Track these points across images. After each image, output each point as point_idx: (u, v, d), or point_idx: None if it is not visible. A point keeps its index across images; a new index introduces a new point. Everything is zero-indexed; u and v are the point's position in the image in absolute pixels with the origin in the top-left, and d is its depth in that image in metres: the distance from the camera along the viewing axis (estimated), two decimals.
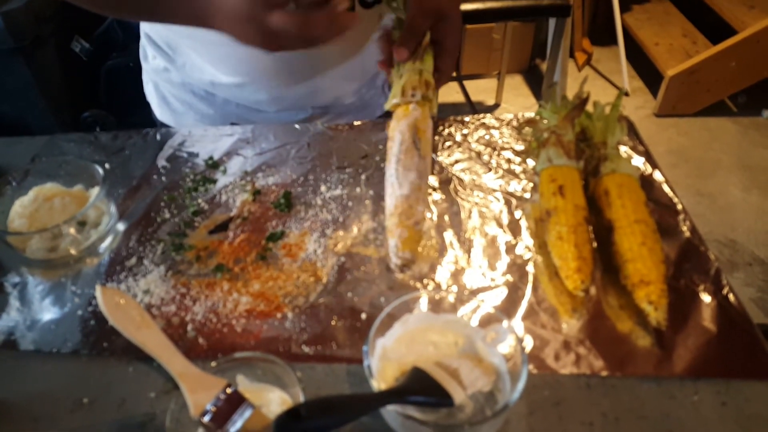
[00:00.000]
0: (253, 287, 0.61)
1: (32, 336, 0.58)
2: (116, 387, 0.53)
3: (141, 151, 0.83)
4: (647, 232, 0.58)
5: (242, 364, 0.50)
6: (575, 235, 0.59)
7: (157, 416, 0.50)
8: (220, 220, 0.70)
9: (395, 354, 0.50)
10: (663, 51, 2.75)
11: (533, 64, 3.16)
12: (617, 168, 0.65)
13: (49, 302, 0.62)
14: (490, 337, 0.50)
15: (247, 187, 0.74)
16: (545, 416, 0.48)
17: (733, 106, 2.72)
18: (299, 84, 0.87)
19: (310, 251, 0.64)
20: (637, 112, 2.74)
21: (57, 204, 0.69)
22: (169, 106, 0.96)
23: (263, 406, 0.48)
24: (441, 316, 0.52)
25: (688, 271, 0.59)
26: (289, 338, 0.56)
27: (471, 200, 0.70)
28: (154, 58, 0.93)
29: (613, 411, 0.48)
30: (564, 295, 0.58)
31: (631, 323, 0.55)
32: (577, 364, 0.51)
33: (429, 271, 0.61)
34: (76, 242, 0.67)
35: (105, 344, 0.56)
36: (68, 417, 0.51)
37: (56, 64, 2.02)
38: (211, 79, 0.87)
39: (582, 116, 0.72)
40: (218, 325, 0.57)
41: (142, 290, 0.62)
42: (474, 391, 0.47)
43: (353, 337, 0.55)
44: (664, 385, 0.50)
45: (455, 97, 2.96)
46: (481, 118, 0.84)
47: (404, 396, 0.44)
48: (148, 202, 0.73)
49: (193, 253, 0.66)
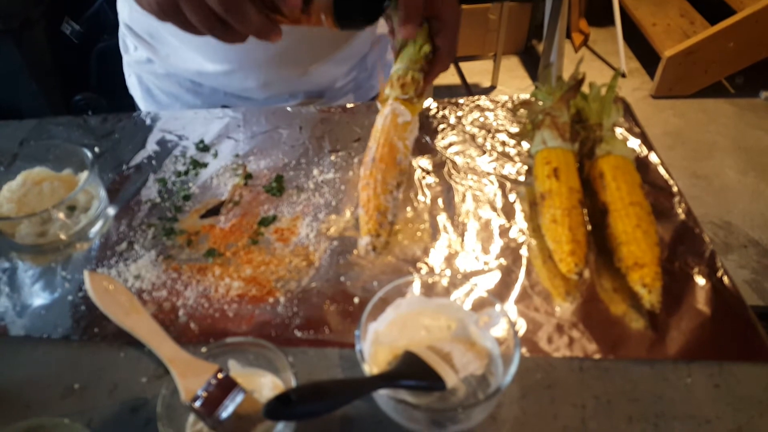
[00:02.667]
0: (244, 272, 0.60)
1: (22, 322, 0.58)
2: (107, 372, 0.53)
3: (131, 134, 0.81)
4: (642, 214, 0.58)
5: (234, 349, 0.50)
6: (569, 218, 0.59)
7: (149, 401, 0.50)
8: (212, 204, 0.69)
9: (387, 338, 0.50)
10: (660, 31, 2.73)
11: (529, 46, 3.13)
12: (612, 150, 0.65)
13: (39, 288, 0.61)
14: (483, 321, 0.50)
15: (239, 171, 0.73)
16: (538, 399, 0.48)
17: (730, 87, 2.71)
18: (289, 70, 0.85)
19: (303, 235, 0.64)
20: (634, 94, 2.73)
21: (46, 188, 0.68)
22: (154, 99, 0.94)
23: (255, 391, 0.48)
24: (434, 300, 0.52)
25: (683, 253, 0.59)
26: (282, 323, 0.55)
27: (465, 183, 0.69)
28: (135, 49, 0.90)
29: (606, 393, 0.48)
30: (557, 278, 0.57)
31: (625, 306, 0.55)
32: (570, 347, 0.51)
33: (422, 254, 0.61)
34: (65, 227, 0.66)
35: (96, 329, 0.56)
36: (60, 403, 0.51)
37: (46, 47, 1.99)
38: (198, 68, 0.85)
39: (578, 97, 0.71)
40: (210, 310, 0.57)
41: (132, 275, 0.61)
42: (466, 375, 0.46)
43: (345, 322, 0.55)
44: (657, 368, 0.50)
45: (450, 79, 2.94)
46: (476, 100, 0.83)
47: (396, 380, 0.43)
48: (138, 186, 0.73)
49: (184, 237, 0.65)
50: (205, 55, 0.83)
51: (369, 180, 0.64)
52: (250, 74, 0.85)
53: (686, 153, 2.37)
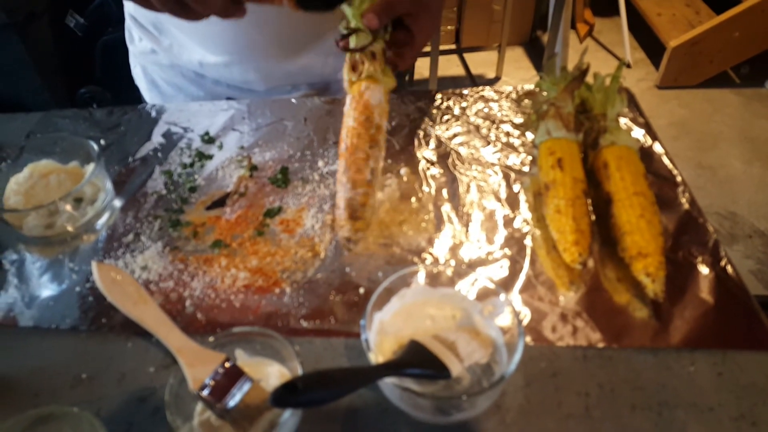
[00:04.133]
0: (251, 263, 0.61)
1: (31, 313, 0.58)
2: (115, 362, 0.54)
3: (136, 126, 0.82)
4: (646, 204, 0.58)
5: (241, 338, 0.50)
6: (573, 208, 0.59)
7: (157, 390, 0.51)
8: (217, 196, 0.70)
9: (393, 328, 0.50)
10: (665, 21, 2.71)
11: (534, 36, 3.11)
12: (617, 140, 0.65)
13: (47, 279, 0.62)
14: (488, 310, 0.50)
15: (244, 163, 0.74)
16: (542, 387, 0.49)
17: (735, 77, 2.69)
18: (288, 61, 0.85)
19: (308, 227, 0.64)
20: (639, 84, 2.71)
21: (53, 181, 0.69)
22: (158, 90, 0.94)
23: (262, 380, 0.48)
24: (438, 290, 0.52)
25: (687, 243, 0.59)
26: (288, 313, 0.56)
27: (469, 174, 0.69)
28: (140, 40, 0.91)
29: (609, 382, 0.48)
30: (561, 268, 0.58)
31: (629, 295, 0.55)
32: (574, 336, 0.52)
33: (427, 245, 0.61)
34: (72, 219, 0.67)
35: (103, 320, 0.56)
36: (68, 392, 0.52)
37: (51, 40, 1.99)
38: (200, 59, 0.85)
39: (582, 88, 0.71)
40: (216, 301, 0.57)
41: (139, 266, 0.62)
42: (471, 364, 0.47)
43: (351, 312, 0.55)
44: (661, 357, 0.50)
45: (455, 70, 2.93)
46: (480, 90, 0.83)
47: (401, 369, 0.44)
48: (144, 178, 0.73)
49: (190, 229, 0.65)
50: (205, 47, 0.84)
51: (342, 177, 0.63)
52: (249, 66, 0.85)
53: (691, 143, 2.35)
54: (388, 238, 0.62)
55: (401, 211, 0.65)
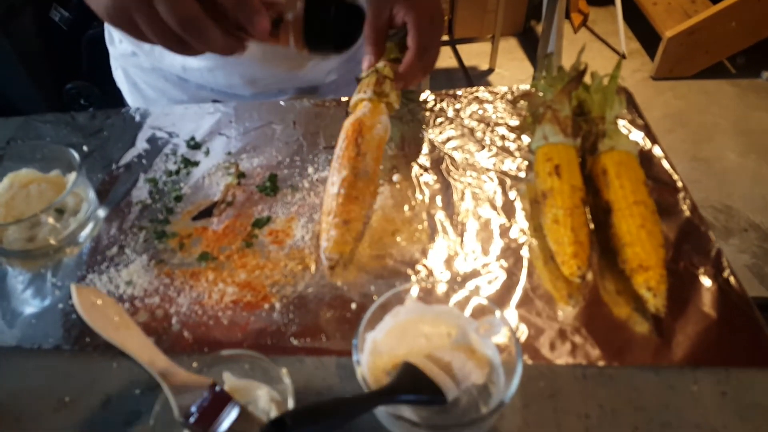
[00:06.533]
0: (239, 276, 0.59)
1: (13, 332, 0.56)
2: (100, 384, 0.52)
3: (120, 131, 0.79)
4: (646, 214, 0.56)
5: (228, 359, 0.48)
6: (572, 218, 0.57)
7: (143, 414, 0.49)
8: (204, 205, 0.67)
9: (386, 347, 0.48)
10: (661, 11, 2.68)
11: (528, 27, 3.08)
12: (616, 145, 0.63)
13: (29, 295, 0.60)
14: (484, 328, 0.48)
15: (231, 170, 0.71)
16: (540, 409, 0.47)
17: (731, 67, 2.67)
18: (274, 65, 0.82)
19: (298, 237, 0.62)
20: (634, 76, 2.70)
21: (33, 191, 0.66)
22: (141, 93, 0.91)
23: (250, 403, 0.46)
24: (433, 307, 0.51)
25: (688, 252, 0.58)
26: (277, 330, 0.54)
27: (464, 180, 0.67)
28: (120, 42, 0.88)
29: (610, 402, 0.47)
30: (560, 280, 0.56)
31: (629, 309, 0.53)
32: (573, 353, 0.50)
33: (420, 256, 0.59)
34: (54, 231, 0.64)
35: (87, 339, 0.55)
36: (52, 416, 0.50)
37: (35, 35, 1.95)
38: (182, 63, 0.83)
39: (579, 88, 0.69)
40: (204, 318, 0.55)
41: (124, 281, 0.60)
42: (467, 385, 0.45)
43: (343, 329, 0.54)
44: (663, 375, 0.48)
45: (448, 63, 2.90)
46: (474, 91, 0.81)
47: (395, 395, 0.42)
48: (129, 187, 0.71)
49: (176, 240, 0.63)
50: None
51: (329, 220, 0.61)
52: (233, 71, 0.82)
53: (686, 136, 2.34)
54: (381, 249, 0.60)
55: (394, 220, 0.63)
